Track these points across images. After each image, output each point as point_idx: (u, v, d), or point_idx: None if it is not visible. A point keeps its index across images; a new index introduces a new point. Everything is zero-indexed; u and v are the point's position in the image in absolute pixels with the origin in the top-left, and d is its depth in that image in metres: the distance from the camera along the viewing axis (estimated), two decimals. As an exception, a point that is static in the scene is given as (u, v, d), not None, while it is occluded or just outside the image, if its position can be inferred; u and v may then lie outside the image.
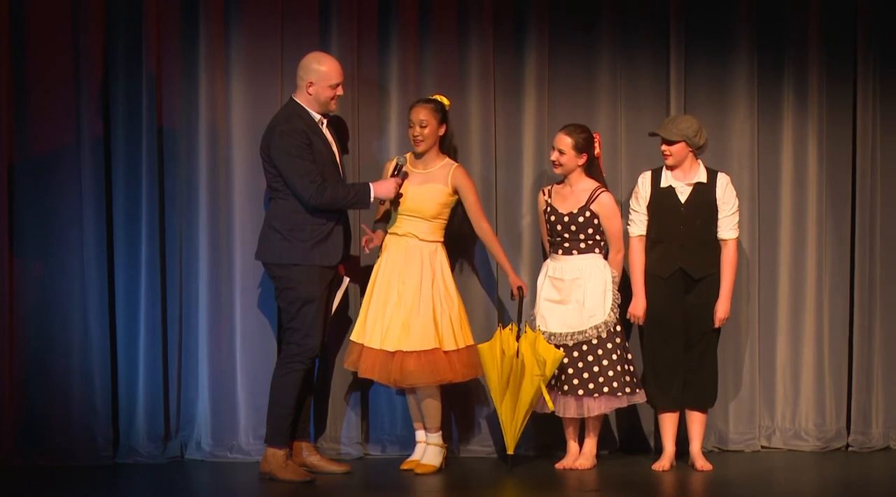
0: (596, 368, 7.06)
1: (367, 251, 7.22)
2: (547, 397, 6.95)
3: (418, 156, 7.17)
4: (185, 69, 7.39)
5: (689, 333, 7.15)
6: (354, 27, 7.47)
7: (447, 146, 7.30)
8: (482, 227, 7.21)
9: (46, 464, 7.26)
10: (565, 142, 7.12)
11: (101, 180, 7.33)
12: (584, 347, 7.07)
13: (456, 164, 7.22)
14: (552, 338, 7.10)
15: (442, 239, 7.19)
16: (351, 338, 7.18)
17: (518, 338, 7.01)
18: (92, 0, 7.29)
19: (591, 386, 7.06)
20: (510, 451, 7.14)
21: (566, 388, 7.08)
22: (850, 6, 7.67)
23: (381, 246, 7.18)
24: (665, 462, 7.20)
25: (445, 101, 7.20)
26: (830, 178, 7.70)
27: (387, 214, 7.24)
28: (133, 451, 7.37)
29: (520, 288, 7.20)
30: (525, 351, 6.94)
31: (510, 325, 7.09)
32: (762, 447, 7.71)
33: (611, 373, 7.06)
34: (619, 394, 7.08)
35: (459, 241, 7.40)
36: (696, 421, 7.25)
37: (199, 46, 7.38)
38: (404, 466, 7.20)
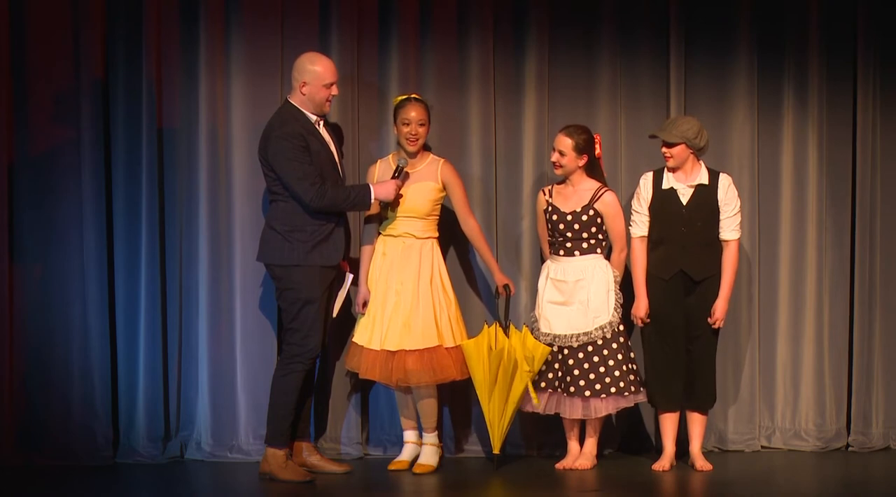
0: (602, 369, 7.05)
1: (362, 313, 7.18)
2: (533, 393, 6.94)
3: (411, 155, 7.15)
4: (185, 69, 7.39)
5: (690, 335, 7.14)
6: (354, 27, 7.46)
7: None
8: (469, 223, 7.19)
9: (46, 464, 7.26)
10: (566, 143, 7.10)
11: (101, 180, 7.33)
12: (590, 348, 7.06)
13: (442, 159, 7.21)
14: (556, 340, 7.09)
15: (436, 234, 7.19)
16: (353, 339, 7.19)
17: (506, 335, 7.00)
18: (92, 0, 7.29)
19: (597, 387, 7.05)
20: (496, 451, 7.14)
21: (572, 389, 7.07)
22: (850, 6, 7.67)
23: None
24: (665, 462, 7.20)
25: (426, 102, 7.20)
26: (830, 178, 7.70)
27: (378, 213, 7.21)
28: (133, 451, 7.37)
29: (505, 286, 7.20)
30: (513, 348, 6.94)
31: (496, 323, 7.09)
32: (762, 447, 7.71)
33: (617, 373, 7.06)
34: (626, 394, 7.08)
35: (454, 239, 7.40)
36: (696, 421, 7.25)
37: (200, 46, 7.38)
38: (393, 467, 7.20)
